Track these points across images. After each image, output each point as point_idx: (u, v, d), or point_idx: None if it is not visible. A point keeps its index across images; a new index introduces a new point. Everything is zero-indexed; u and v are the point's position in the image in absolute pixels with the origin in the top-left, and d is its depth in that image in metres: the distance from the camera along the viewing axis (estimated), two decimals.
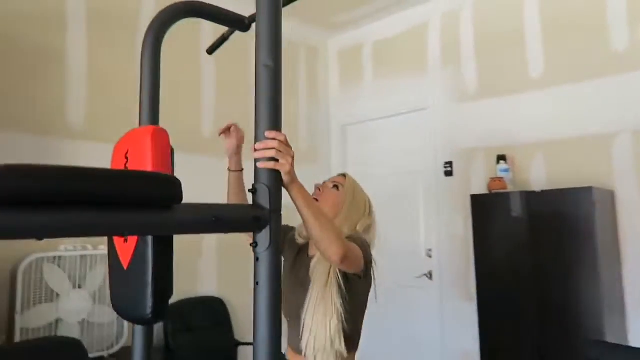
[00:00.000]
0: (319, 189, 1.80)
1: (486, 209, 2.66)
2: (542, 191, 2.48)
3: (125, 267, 1.20)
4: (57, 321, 2.42)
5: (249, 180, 1.24)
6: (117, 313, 1.21)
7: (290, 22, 3.72)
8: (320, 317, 1.53)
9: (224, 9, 1.90)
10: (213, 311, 3.12)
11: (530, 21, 2.96)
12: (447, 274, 3.22)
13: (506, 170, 2.80)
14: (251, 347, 1.15)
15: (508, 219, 2.52)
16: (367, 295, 1.67)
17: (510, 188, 2.81)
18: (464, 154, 3.20)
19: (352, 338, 1.58)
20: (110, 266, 1.21)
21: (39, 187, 0.78)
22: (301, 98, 3.92)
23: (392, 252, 3.54)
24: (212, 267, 3.22)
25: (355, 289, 1.58)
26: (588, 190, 2.28)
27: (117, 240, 1.21)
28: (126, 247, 1.19)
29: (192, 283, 3.12)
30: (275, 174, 1.13)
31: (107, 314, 2.62)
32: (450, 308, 3.18)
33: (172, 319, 2.88)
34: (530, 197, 2.48)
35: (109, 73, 2.82)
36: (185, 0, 1.87)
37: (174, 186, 0.91)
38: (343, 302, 1.54)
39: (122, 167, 1.23)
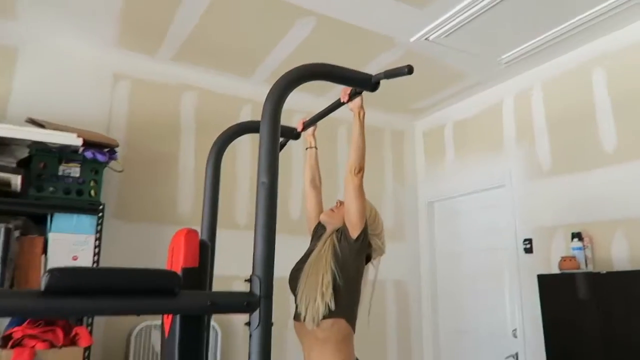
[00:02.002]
0: (339, 202, 2.03)
1: (553, 290, 2.58)
2: (607, 272, 2.36)
3: (166, 335, 1.57)
4: None
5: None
6: None
7: (376, 112, 4.11)
8: (313, 273, 1.77)
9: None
10: None
11: (600, 97, 2.93)
12: (533, 355, 3.07)
13: (579, 249, 2.71)
14: None
15: (574, 301, 2.43)
16: (360, 269, 1.85)
17: (589, 267, 2.70)
18: (543, 231, 3.14)
19: (345, 304, 1.74)
20: (161, 333, 1.58)
21: (79, 282, 1.18)
22: (387, 179, 4.19)
23: (479, 331, 3.50)
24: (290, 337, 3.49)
25: (350, 253, 1.78)
26: None
27: (165, 316, 1.59)
28: (168, 320, 1.57)
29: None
30: (267, 265, 1.41)
31: None
32: None
33: None
34: (597, 279, 2.38)
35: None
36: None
37: (174, 279, 1.26)
38: (336, 264, 1.75)
39: (171, 259, 1.64)
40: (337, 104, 1.96)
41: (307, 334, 1.79)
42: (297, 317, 1.83)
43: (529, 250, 3.18)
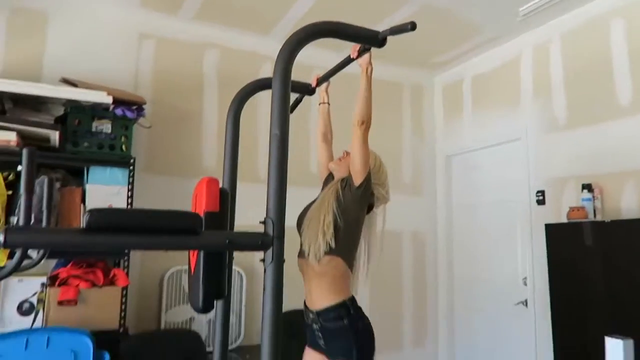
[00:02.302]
0: (345, 153, 2.20)
1: (560, 239, 2.68)
2: (612, 221, 2.45)
3: (192, 272, 1.77)
4: (191, 319, 3.15)
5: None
6: (190, 304, 1.78)
7: (396, 67, 4.15)
8: (316, 214, 1.96)
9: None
10: None
11: (618, 48, 2.92)
12: (541, 302, 3.21)
13: (589, 199, 2.78)
14: None
15: (580, 249, 2.53)
16: (360, 216, 2.00)
17: (597, 217, 2.78)
18: (555, 183, 3.21)
19: (343, 245, 1.92)
20: (188, 271, 1.78)
21: (115, 221, 1.36)
22: (405, 134, 4.27)
23: (491, 280, 3.65)
24: None
25: (349, 203, 1.94)
26: None
27: (191, 254, 1.78)
28: (193, 259, 1.76)
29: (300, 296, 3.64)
30: (279, 209, 1.56)
31: (230, 316, 3.27)
32: (544, 335, 3.17)
33: (285, 326, 3.42)
34: (601, 227, 2.47)
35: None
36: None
37: (196, 219, 1.43)
38: (338, 207, 1.93)
39: (194, 205, 1.81)
40: (348, 61, 2.06)
41: (308, 268, 1.98)
42: (301, 254, 2.01)
43: (541, 202, 3.26)
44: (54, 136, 2.52)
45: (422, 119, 4.37)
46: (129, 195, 2.78)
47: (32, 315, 2.50)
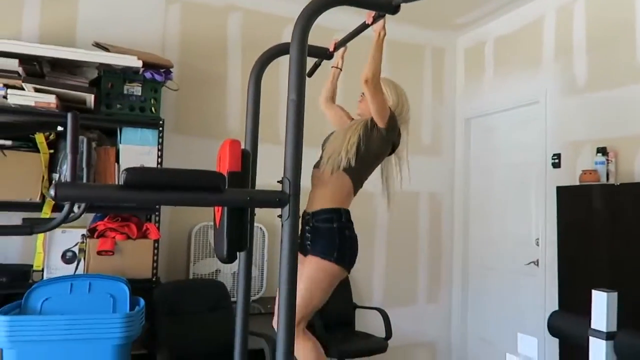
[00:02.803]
0: (361, 95, 2.35)
1: (570, 201, 2.76)
2: (621, 184, 2.51)
3: (217, 226, 1.95)
4: (217, 271, 3.39)
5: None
6: (216, 255, 1.96)
7: (417, 28, 4.16)
8: (343, 134, 2.16)
9: (310, 45, 2.42)
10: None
11: None
12: (551, 262, 3.32)
13: (602, 163, 2.83)
14: (368, 311, 1.82)
15: (589, 211, 2.61)
16: (381, 152, 2.19)
17: (610, 180, 2.84)
18: (572, 146, 3.25)
19: (357, 168, 2.10)
20: (214, 225, 1.96)
21: (149, 179, 1.52)
22: (425, 96, 4.31)
23: (505, 240, 3.77)
24: None
25: (374, 137, 2.12)
26: None
27: (216, 210, 1.95)
28: (218, 214, 1.93)
29: None
30: (295, 169, 1.69)
31: (253, 269, 3.50)
32: (553, 294, 3.29)
33: None
34: (611, 189, 2.54)
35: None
36: (276, 44, 2.52)
37: (220, 178, 1.58)
38: (365, 134, 2.10)
39: (218, 165, 1.97)
40: (364, 26, 2.14)
41: (318, 180, 2.16)
42: (316, 165, 2.20)
43: (556, 165, 3.32)
44: (90, 99, 2.70)
45: (442, 82, 4.39)
46: (159, 155, 2.97)
47: (75, 264, 2.76)
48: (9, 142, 2.69)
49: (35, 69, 2.76)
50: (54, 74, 2.91)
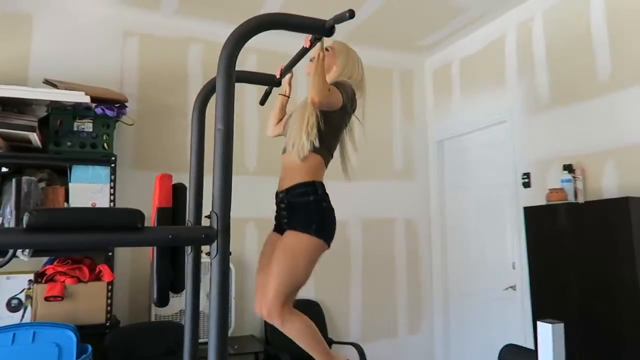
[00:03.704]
0: (312, 60, 2.23)
1: (538, 222, 2.65)
2: (586, 202, 2.41)
3: (150, 264, 1.82)
4: (180, 311, 3.22)
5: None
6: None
7: (384, 52, 4.13)
8: (300, 114, 2.06)
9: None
10: (310, 312, 3.62)
11: (597, 22, 2.85)
12: (528, 288, 3.18)
13: (569, 181, 2.74)
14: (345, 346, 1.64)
15: (556, 231, 2.50)
16: (342, 122, 2.12)
17: (579, 198, 2.74)
18: (540, 165, 3.16)
19: (324, 145, 2.03)
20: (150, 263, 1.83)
21: (54, 220, 1.40)
22: (396, 119, 4.24)
23: (482, 263, 3.64)
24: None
25: (332, 115, 2.04)
26: (624, 200, 2.18)
27: (150, 250, 1.83)
28: (151, 253, 1.81)
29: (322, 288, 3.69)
30: (224, 203, 1.58)
31: None
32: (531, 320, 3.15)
33: None
34: (576, 208, 2.44)
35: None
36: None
37: (136, 215, 1.46)
38: (321, 113, 2.02)
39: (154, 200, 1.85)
40: (303, 51, 2.07)
41: (288, 162, 2.07)
42: (284, 151, 2.11)
43: (527, 185, 3.22)
44: (33, 137, 2.60)
45: (412, 104, 4.33)
46: (112, 192, 2.85)
47: (21, 312, 2.61)
48: None
49: None
50: (1, 113, 2.82)
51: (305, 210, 1.97)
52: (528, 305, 3.15)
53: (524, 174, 3.25)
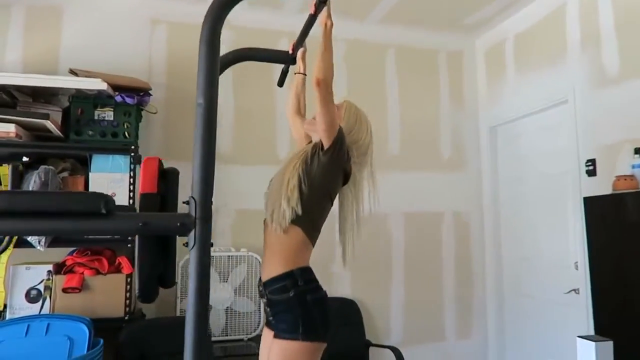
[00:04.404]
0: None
1: (602, 214, 2.25)
2: None
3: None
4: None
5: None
6: None
7: (428, 32, 3.80)
8: (280, 177, 1.76)
9: (268, 49, 2.27)
10: (345, 312, 3.39)
11: None
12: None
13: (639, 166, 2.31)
14: (383, 350, 1.41)
15: (622, 225, 2.09)
16: (329, 184, 1.76)
17: None
18: (607, 149, 2.72)
19: (306, 213, 1.69)
20: None
21: (13, 205, 1.26)
22: (444, 105, 3.89)
23: (541, 262, 3.24)
24: (346, 270, 3.50)
25: (320, 163, 1.72)
26: None
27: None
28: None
29: (326, 284, 3.44)
30: (204, 187, 1.38)
31: (247, 305, 3.18)
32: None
33: None
34: None
35: (250, 109, 3.45)
36: (234, 50, 2.28)
37: (102, 200, 1.29)
38: (304, 170, 1.71)
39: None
40: (310, 19, 1.84)
41: (268, 237, 1.78)
42: (265, 221, 1.80)
43: (591, 173, 2.79)
44: (51, 126, 2.54)
45: (462, 88, 3.95)
46: (131, 182, 2.76)
47: (40, 303, 2.56)
48: None
49: (3, 98, 2.66)
50: (26, 103, 2.81)
51: (288, 310, 1.66)
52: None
53: (588, 160, 2.81)
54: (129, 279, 2.68)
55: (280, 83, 2.42)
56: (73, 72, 2.89)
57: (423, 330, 3.63)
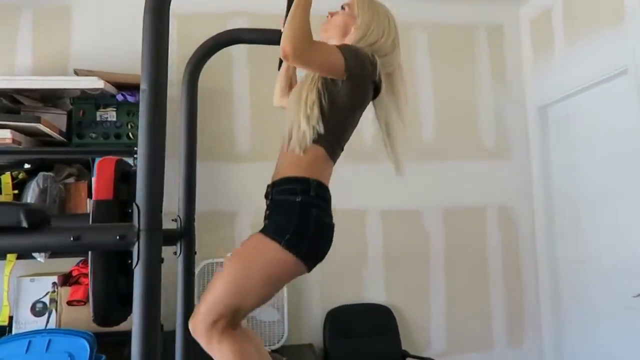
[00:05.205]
0: (330, 14, 1.72)
1: None
2: None
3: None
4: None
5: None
6: None
7: (464, 5, 3.41)
8: (297, 91, 1.55)
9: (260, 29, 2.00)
10: (378, 319, 3.08)
11: None
12: None
13: None
14: None
15: None
16: (355, 102, 1.55)
17: None
18: None
19: (329, 133, 1.49)
20: None
21: None
22: (483, 84, 3.47)
23: (603, 262, 2.81)
24: (379, 274, 3.19)
25: (340, 87, 1.50)
26: None
27: None
28: None
29: (358, 290, 3.16)
30: (150, 193, 1.15)
31: (272, 314, 2.95)
32: None
33: (332, 324, 3.00)
34: None
35: (266, 103, 3.20)
36: (223, 31, 2.04)
37: (19, 213, 1.08)
38: (324, 84, 1.50)
39: None
40: None
41: (284, 150, 1.57)
42: (284, 140, 1.59)
43: None
44: (44, 129, 2.41)
45: (504, 65, 3.51)
46: None
47: (46, 316, 2.45)
48: None
49: (3, 104, 2.57)
50: (32, 108, 2.71)
51: (285, 212, 1.43)
52: None
53: None
54: None
55: (279, 67, 2.16)
56: (76, 72, 2.77)
57: (468, 338, 3.25)
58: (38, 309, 2.45)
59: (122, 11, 3.13)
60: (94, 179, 1.44)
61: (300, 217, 1.40)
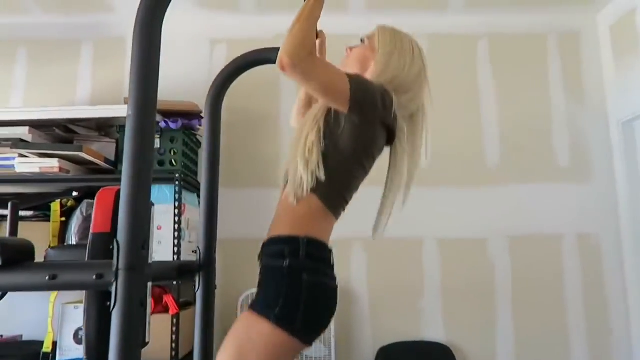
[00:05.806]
0: (349, 49, 1.56)
1: None
2: None
3: None
4: None
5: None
6: None
7: (527, 13, 3.12)
8: (298, 132, 1.38)
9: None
10: (435, 358, 2.79)
11: None
12: None
13: None
14: None
15: None
16: (363, 146, 1.34)
17: None
18: None
19: (328, 180, 1.29)
20: None
21: None
22: (556, 98, 3.12)
23: None
24: (437, 309, 2.90)
25: (344, 127, 1.31)
26: None
27: None
28: None
29: (414, 325, 2.89)
30: (131, 227, 1.04)
31: (319, 349, 2.77)
32: None
33: None
34: None
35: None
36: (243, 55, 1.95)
37: None
38: (327, 124, 1.32)
39: None
40: None
41: (281, 198, 1.39)
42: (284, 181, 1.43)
43: None
44: (87, 157, 2.44)
45: (580, 76, 3.14)
46: (176, 213, 2.54)
47: None
48: (30, 213, 2.57)
49: (56, 134, 2.65)
50: (82, 137, 2.78)
51: (272, 280, 1.25)
52: None
53: None
54: (174, 320, 2.44)
55: None
56: (126, 102, 2.82)
57: None
58: (80, 336, 2.45)
59: (171, 38, 3.17)
60: (93, 211, 1.36)
61: (289, 286, 1.21)
